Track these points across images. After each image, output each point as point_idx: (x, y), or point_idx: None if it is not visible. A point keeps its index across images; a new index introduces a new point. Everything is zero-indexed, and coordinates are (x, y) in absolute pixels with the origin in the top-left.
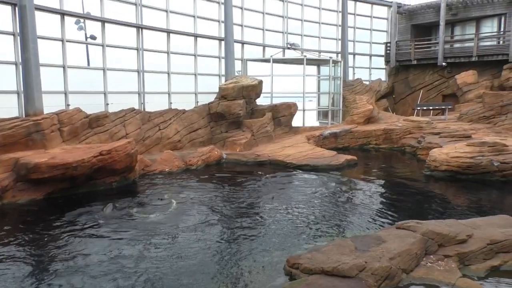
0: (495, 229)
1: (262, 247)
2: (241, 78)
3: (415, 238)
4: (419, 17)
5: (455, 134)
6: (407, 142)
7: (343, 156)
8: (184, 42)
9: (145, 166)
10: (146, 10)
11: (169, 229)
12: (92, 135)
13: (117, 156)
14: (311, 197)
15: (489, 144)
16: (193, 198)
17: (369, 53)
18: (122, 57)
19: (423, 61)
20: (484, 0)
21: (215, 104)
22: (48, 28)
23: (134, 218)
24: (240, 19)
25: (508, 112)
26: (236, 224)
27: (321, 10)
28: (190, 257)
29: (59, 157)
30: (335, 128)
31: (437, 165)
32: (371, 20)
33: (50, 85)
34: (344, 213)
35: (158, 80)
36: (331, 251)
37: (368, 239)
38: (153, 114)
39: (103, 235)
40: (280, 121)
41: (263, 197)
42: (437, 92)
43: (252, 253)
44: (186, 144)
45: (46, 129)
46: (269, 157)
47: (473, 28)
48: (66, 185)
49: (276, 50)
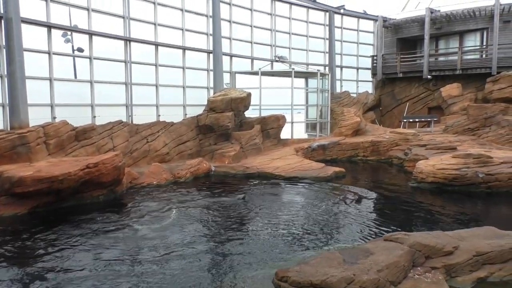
0: (481, 240)
1: (250, 260)
2: (230, 90)
3: (402, 250)
4: (404, 31)
5: (441, 146)
6: (394, 154)
7: (331, 168)
8: (173, 54)
9: (132, 179)
10: (134, 23)
11: (156, 244)
12: (79, 148)
13: (104, 169)
14: (299, 210)
15: (474, 156)
16: (181, 211)
17: (356, 66)
18: (110, 69)
19: (409, 74)
20: (467, 15)
21: (203, 117)
22: (34, 40)
23: (121, 232)
24: (228, 32)
25: (492, 124)
26: (224, 237)
27: (309, 23)
28: (178, 271)
29: (45, 170)
30: (323, 140)
31: (423, 176)
32: (357, 34)
33: (36, 97)
34: (332, 225)
35: (146, 92)
36: (319, 264)
37: (356, 252)
38: (141, 127)
39: (88, 249)
40: (269, 133)
41: (251, 210)
42: (423, 104)
43: (241, 266)
44: (174, 156)
45: (31, 142)
46: (258, 170)
47: (456, 42)
48: (52, 199)
49: (265, 62)
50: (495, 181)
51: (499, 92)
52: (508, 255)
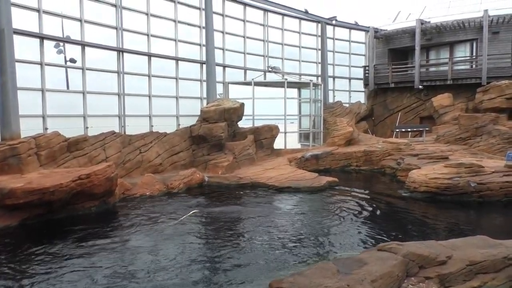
0: (474, 250)
1: (244, 271)
2: (223, 101)
3: (396, 260)
4: (396, 41)
5: (433, 155)
6: (387, 163)
7: (324, 178)
8: (166, 64)
9: (125, 190)
10: (127, 34)
11: (148, 257)
12: (71, 159)
13: (97, 180)
14: (293, 220)
15: (465, 165)
16: (173, 221)
17: (348, 76)
18: (103, 80)
19: (401, 84)
20: (457, 26)
21: (197, 127)
22: (26, 51)
23: (112, 244)
24: (221, 42)
25: (483, 134)
26: (217, 248)
27: (301, 34)
28: (171, 284)
29: (36, 182)
30: (317, 150)
31: (416, 186)
32: (349, 45)
33: (28, 108)
34: (326, 235)
35: (139, 103)
36: (313, 275)
37: (350, 262)
38: (134, 137)
39: (79, 263)
40: (262, 143)
41: (245, 220)
42: (414, 114)
43: (234, 277)
44: (167, 167)
45: (22, 153)
46: (251, 180)
47: (447, 52)
48: (43, 211)
49: (258, 73)
50: (486, 190)
51: (489, 102)
52: (501, 264)
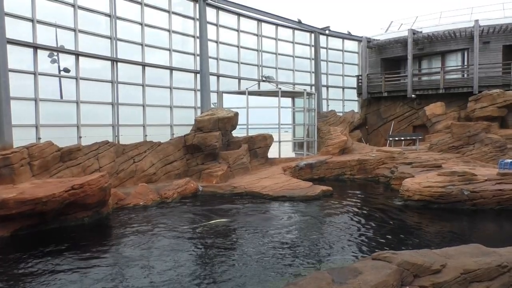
0: (468, 258)
1: (239, 282)
2: (217, 110)
3: (391, 269)
4: (388, 51)
5: (427, 164)
6: (381, 172)
7: (319, 187)
8: (160, 74)
9: (118, 200)
10: (121, 44)
11: (141, 269)
12: (64, 168)
13: (90, 190)
14: (287, 229)
15: (459, 174)
16: (166, 232)
17: (341, 85)
18: (96, 89)
19: (394, 93)
20: (448, 36)
21: (191, 136)
22: (20, 61)
23: (104, 255)
24: (215, 52)
25: (475, 142)
26: (212, 258)
27: (295, 44)
28: None
29: (28, 192)
30: (311, 159)
31: (410, 194)
32: (342, 54)
33: (21, 118)
34: (320, 244)
35: (133, 112)
36: (308, 284)
37: (345, 271)
38: (128, 147)
39: (71, 274)
40: (256, 152)
41: (239, 230)
42: (408, 123)
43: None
44: (161, 176)
45: (15, 164)
46: (246, 189)
47: (439, 61)
48: (35, 221)
49: (252, 82)
50: (480, 198)
51: (481, 111)
52: (495, 272)
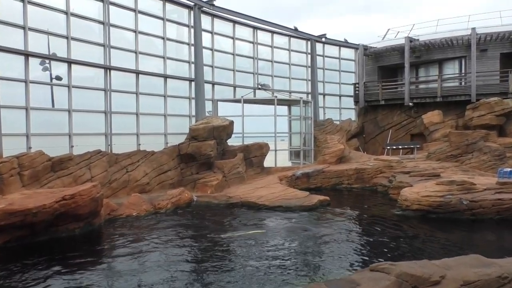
0: (468, 269)
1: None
2: (212, 118)
3: (389, 281)
4: (385, 59)
5: (425, 173)
6: (379, 181)
7: (316, 197)
8: (154, 82)
9: (111, 211)
10: (115, 51)
11: (133, 282)
12: (55, 178)
13: (81, 201)
14: (284, 240)
15: (457, 183)
16: (159, 244)
17: (338, 93)
18: (89, 98)
19: (391, 102)
20: (445, 44)
21: (185, 145)
22: (11, 68)
23: (96, 268)
24: (210, 60)
25: (474, 151)
26: (207, 271)
27: (291, 51)
28: None
29: (18, 203)
30: (307, 168)
31: (408, 204)
32: (339, 62)
33: (12, 127)
34: (318, 255)
35: (126, 121)
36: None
37: (342, 283)
38: (121, 156)
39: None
40: (252, 161)
41: (235, 241)
42: (405, 131)
43: None
44: (155, 186)
45: (4, 174)
46: (241, 199)
47: (436, 69)
48: (25, 233)
49: (247, 90)
50: (479, 208)
51: (479, 119)
52: (495, 284)
